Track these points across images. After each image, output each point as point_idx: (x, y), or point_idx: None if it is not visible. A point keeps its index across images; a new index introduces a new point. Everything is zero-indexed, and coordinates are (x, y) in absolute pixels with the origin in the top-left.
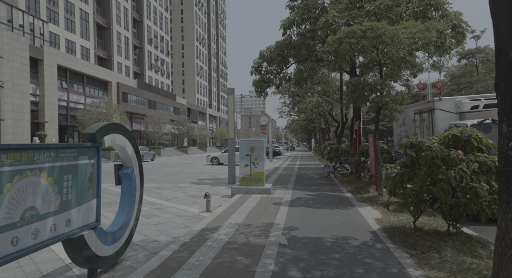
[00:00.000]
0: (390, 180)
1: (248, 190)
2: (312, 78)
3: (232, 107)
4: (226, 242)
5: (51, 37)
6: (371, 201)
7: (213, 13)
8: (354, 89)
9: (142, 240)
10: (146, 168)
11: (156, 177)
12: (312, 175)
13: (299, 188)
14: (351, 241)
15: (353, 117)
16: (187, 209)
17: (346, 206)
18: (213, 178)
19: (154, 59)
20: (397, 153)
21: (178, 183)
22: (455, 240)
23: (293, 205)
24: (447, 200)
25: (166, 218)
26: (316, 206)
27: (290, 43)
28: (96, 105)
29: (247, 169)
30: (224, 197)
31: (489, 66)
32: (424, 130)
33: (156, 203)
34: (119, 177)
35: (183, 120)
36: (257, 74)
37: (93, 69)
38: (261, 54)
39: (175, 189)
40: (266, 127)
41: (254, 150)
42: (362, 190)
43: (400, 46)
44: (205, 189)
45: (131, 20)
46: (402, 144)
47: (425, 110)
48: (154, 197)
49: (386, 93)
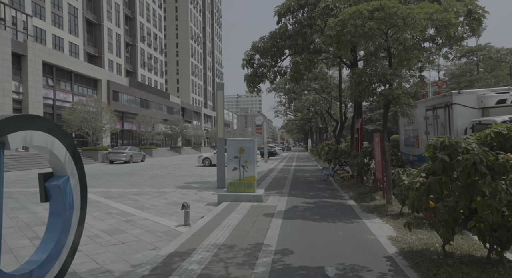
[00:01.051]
0: (413, 192)
1: (237, 197)
2: (309, 71)
3: (221, 103)
4: (198, 275)
5: (37, 32)
6: (379, 211)
7: (209, 11)
8: (359, 80)
9: (90, 270)
10: (132, 170)
11: (140, 179)
12: (309, 177)
13: (295, 193)
14: (364, 274)
15: (354, 115)
16: (162, 222)
17: (351, 218)
18: (202, 181)
19: (147, 57)
20: (403, 154)
21: (162, 187)
22: (503, 274)
23: (288, 216)
24: (494, 219)
25: (134, 234)
26: (315, 217)
27: (285, 32)
28: (83, 104)
29: (236, 173)
30: (209, 205)
31: (490, 64)
32: (439, 129)
33: (128, 214)
34: (45, 190)
35: (177, 119)
36: (249, 68)
37: (81, 66)
38: (254, 45)
39: (156, 195)
40: (262, 127)
41: (243, 151)
42: (367, 196)
43: (415, 28)
44: (190, 194)
45: (123, 16)
46: (430, 144)
47: (439, 105)
48: (128, 205)
49: (398, 85)
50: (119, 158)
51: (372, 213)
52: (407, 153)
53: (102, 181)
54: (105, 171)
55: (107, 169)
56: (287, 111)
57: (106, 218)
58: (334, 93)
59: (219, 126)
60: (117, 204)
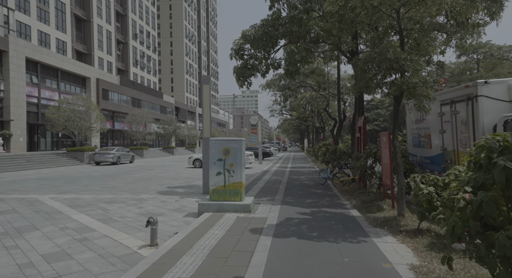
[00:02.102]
0: (451, 212)
1: (221, 207)
2: (306, 62)
3: (207, 99)
4: None
5: (21, 27)
6: (390, 226)
7: (204, 10)
8: (366, 68)
9: None
10: (117, 172)
11: (121, 183)
12: (305, 180)
13: (290, 201)
14: None
15: (355, 112)
16: (124, 241)
17: (357, 236)
18: (188, 185)
19: (139, 55)
20: (411, 156)
21: (141, 193)
22: None
23: (280, 233)
24: None
25: (81, 261)
26: (312, 234)
27: (278, 19)
28: (68, 102)
29: (220, 178)
30: (189, 216)
31: (491, 62)
32: (459, 126)
33: (88, 229)
34: None
35: (170, 119)
36: (239, 59)
37: (68, 63)
38: (243, 33)
39: (131, 203)
40: (256, 127)
41: (229, 152)
42: (372, 205)
43: (434, 4)
44: (170, 202)
45: (114, 13)
46: (479, 144)
47: (460, 99)
48: (93, 217)
49: (413, 72)
50: (105, 159)
51: (382, 228)
52: (416, 154)
53: (77, 185)
54: (86, 174)
55: (90, 171)
56: (282, 110)
57: (57, 236)
58: (332, 90)
59: (205, 124)
60: (80, 215)
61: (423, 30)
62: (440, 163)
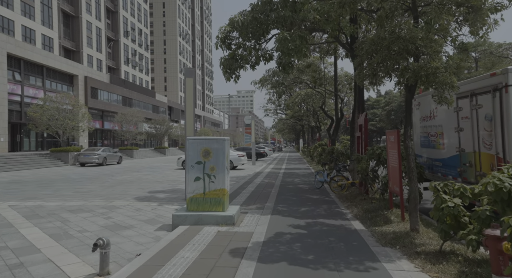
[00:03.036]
0: None
1: (199, 219)
2: (300, 52)
3: (190, 94)
4: None
5: (3, 22)
6: (403, 245)
7: (198, 8)
8: (376, 49)
9: None
10: (100, 174)
11: (98, 187)
12: (300, 184)
13: (282, 210)
14: None
15: (354, 108)
16: (68, 268)
17: (363, 260)
18: (172, 189)
19: (131, 53)
20: (418, 157)
21: (116, 199)
22: None
23: (267, 256)
24: None
25: None
26: (307, 258)
27: (270, 2)
28: (51, 100)
29: (199, 184)
30: (161, 230)
31: (491, 60)
32: (481, 123)
33: (30, 249)
34: None
35: (162, 119)
36: (225, 49)
37: (54, 60)
38: (231, 20)
39: (100, 212)
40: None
41: (209, 154)
42: (377, 216)
43: None
44: (145, 210)
45: (104, 9)
46: None
47: (483, 90)
48: (46, 231)
49: (434, 54)
50: (90, 160)
51: (393, 247)
52: (423, 155)
53: (48, 189)
54: (65, 176)
55: (71, 173)
56: (277, 109)
57: None
58: (329, 86)
59: (187, 122)
60: (33, 228)
61: (441, 4)
62: (455, 166)
